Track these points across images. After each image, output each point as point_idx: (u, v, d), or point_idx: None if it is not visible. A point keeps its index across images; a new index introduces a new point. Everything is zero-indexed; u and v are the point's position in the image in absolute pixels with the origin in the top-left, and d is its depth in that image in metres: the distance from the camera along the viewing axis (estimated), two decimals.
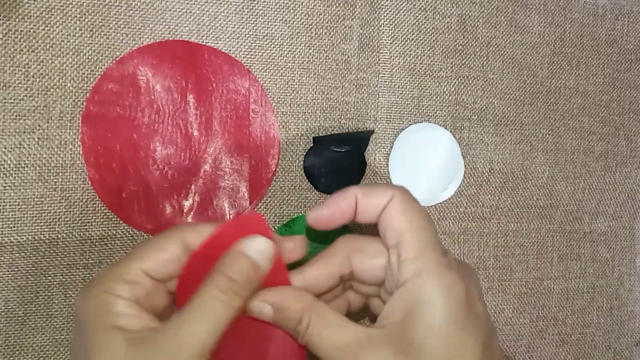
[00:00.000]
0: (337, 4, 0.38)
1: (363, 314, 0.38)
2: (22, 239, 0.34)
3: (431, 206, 0.41)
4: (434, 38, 0.40)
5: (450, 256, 0.28)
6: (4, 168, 0.34)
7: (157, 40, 0.36)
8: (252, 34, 0.37)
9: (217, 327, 0.26)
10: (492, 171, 0.42)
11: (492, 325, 0.28)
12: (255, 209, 0.38)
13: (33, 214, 0.34)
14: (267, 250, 0.28)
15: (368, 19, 0.39)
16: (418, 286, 0.26)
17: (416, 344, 0.25)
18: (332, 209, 0.30)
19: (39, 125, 0.34)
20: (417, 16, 0.40)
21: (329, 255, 0.30)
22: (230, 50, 0.37)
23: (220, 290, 0.26)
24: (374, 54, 0.39)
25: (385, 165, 0.40)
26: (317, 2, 0.38)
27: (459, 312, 0.26)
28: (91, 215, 0.35)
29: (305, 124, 0.38)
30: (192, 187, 0.36)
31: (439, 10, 0.40)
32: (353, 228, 0.39)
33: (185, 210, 0.36)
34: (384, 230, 0.29)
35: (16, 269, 0.34)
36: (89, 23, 0.35)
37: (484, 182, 0.42)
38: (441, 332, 0.26)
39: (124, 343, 0.25)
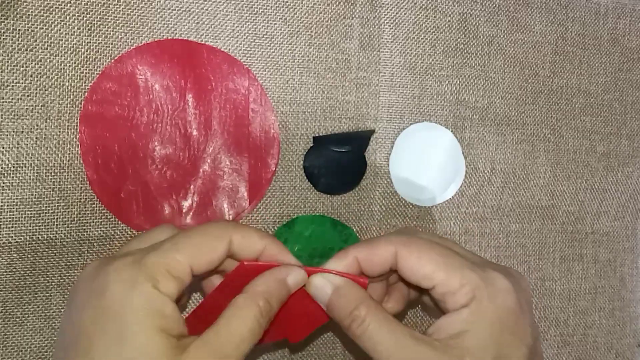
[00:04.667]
0: (337, 3, 0.38)
1: None
2: (20, 239, 0.34)
3: (432, 206, 0.40)
4: (435, 37, 0.40)
5: (490, 264, 0.30)
6: (1, 168, 0.34)
7: (155, 39, 0.35)
8: (252, 33, 0.37)
9: (252, 341, 0.27)
10: (493, 171, 0.41)
11: (538, 330, 0.30)
12: (255, 209, 0.38)
13: (31, 214, 0.34)
14: (301, 283, 0.29)
15: (368, 17, 0.39)
16: (469, 311, 0.28)
17: (467, 352, 0.27)
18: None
19: (37, 125, 0.34)
20: (417, 15, 0.40)
21: (377, 245, 0.30)
22: (229, 49, 0.37)
23: (261, 314, 0.27)
24: (375, 52, 0.39)
25: (386, 165, 0.39)
26: (317, 1, 0.38)
27: (510, 321, 0.28)
28: (89, 215, 0.35)
29: (305, 123, 0.38)
30: (191, 187, 0.36)
31: (439, 8, 0.40)
32: (352, 229, 0.39)
33: (184, 211, 0.36)
34: (412, 279, 0.29)
35: (14, 270, 0.34)
36: (87, 22, 0.35)
37: (485, 182, 0.41)
38: (493, 341, 0.27)
39: (172, 349, 0.25)
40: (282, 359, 0.38)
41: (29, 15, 0.34)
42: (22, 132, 0.34)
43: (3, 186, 0.34)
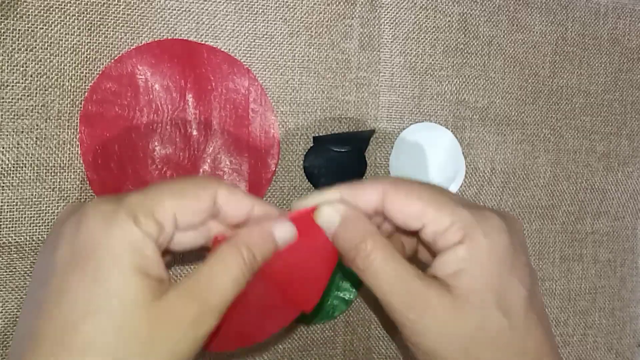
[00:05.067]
0: (337, 2, 0.38)
1: None
2: (20, 239, 0.34)
3: None
4: (435, 37, 0.40)
5: (482, 206, 0.28)
6: (1, 168, 0.34)
7: (155, 39, 0.35)
8: (252, 33, 0.37)
9: (235, 292, 0.26)
10: (493, 171, 0.41)
11: (535, 274, 0.28)
12: None
13: (31, 214, 0.34)
14: (290, 238, 0.28)
15: (368, 17, 0.39)
16: (465, 247, 0.26)
17: (469, 291, 0.25)
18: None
19: (37, 125, 0.34)
20: (417, 15, 0.40)
21: (364, 184, 0.29)
22: (229, 49, 0.37)
23: (244, 262, 0.26)
24: (375, 52, 0.39)
25: (386, 165, 0.39)
26: (317, 1, 0.38)
27: (507, 259, 0.26)
28: None
29: (305, 123, 0.38)
30: None
31: (439, 8, 0.40)
32: None
33: None
34: (399, 220, 0.28)
35: (14, 270, 0.34)
36: (87, 22, 0.35)
37: (486, 182, 0.41)
38: (493, 280, 0.26)
39: (149, 292, 0.23)
40: (282, 358, 0.38)
41: (29, 15, 0.34)
42: (22, 132, 0.34)
43: (3, 186, 0.34)
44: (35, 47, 0.34)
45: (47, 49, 0.34)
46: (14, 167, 0.34)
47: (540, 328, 0.27)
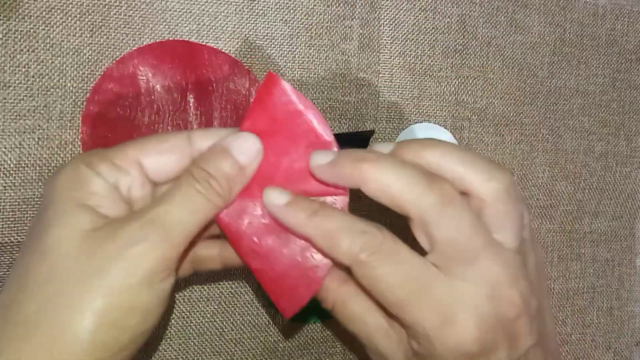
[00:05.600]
0: (337, 4, 0.38)
1: None
2: (22, 238, 0.34)
3: None
4: (434, 38, 0.40)
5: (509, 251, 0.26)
6: (4, 168, 0.34)
7: (157, 40, 0.36)
8: (252, 34, 0.37)
9: (196, 219, 0.24)
10: None
11: (548, 329, 0.27)
12: None
13: (33, 214, 0.34)
14: (252, 149, 0.26)
15: (368, 18, 0.39)
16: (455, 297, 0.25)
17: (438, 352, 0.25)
18: (341, 167, 0.26)
19: (39, 125, 0.34)
20: (417, 16, 0.40)
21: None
22: (230, 50, 0.37)
23: (196, 180, 0.24)
24: (374, 53, 0.39)
25: None
26: (317, 2, 0.38)
27: (489, 333, 0.24)
28: None
29: None
30: None
31: (439, 10, 0.40)
32: None
33: None
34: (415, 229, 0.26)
35: None
36: (89, 23, 0.35)
37: None
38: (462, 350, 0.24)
39: (89, 223, 0.22)
40: (282, 357, 0.38)
41: (30, 16, 0.34)
42: (25, 132, 0.34)
43: (5, 186, 0.34)
44: (37, 48, 0.34)
45: (49, 50, 0.34)
46: (16, 167, 0.34)
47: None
